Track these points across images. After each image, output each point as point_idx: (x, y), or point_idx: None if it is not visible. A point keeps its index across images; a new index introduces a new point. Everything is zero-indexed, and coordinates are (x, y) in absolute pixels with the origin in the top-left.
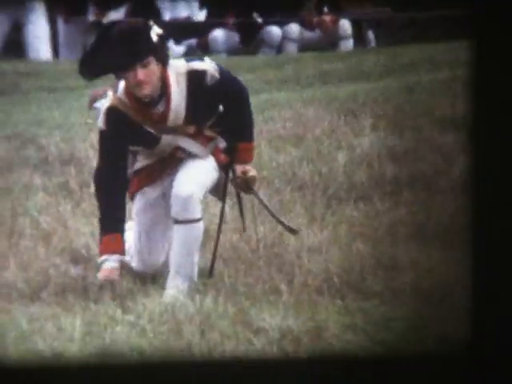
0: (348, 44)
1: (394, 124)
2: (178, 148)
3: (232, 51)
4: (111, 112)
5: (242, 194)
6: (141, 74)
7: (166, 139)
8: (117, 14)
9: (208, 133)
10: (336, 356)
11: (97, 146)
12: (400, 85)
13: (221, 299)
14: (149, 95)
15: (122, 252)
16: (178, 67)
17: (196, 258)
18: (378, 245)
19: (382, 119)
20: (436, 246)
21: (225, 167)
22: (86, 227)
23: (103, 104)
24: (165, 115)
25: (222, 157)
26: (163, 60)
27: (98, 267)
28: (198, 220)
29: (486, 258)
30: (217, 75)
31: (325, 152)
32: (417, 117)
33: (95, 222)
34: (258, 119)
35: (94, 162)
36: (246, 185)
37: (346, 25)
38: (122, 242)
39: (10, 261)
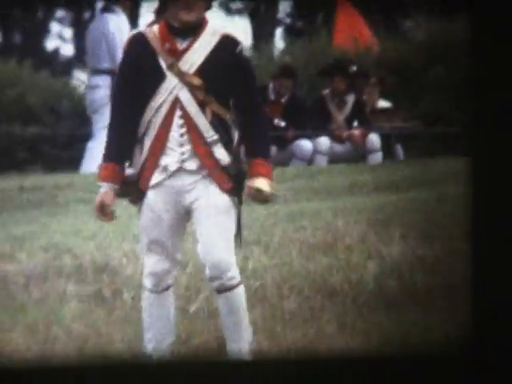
0: (377, 157)
1: (424, 234)
2: (177, 103)
3: None
4: (135, 39)
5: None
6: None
7: (171, 82)
8: None
9: (214, 107)
10: (336, 356)
11: (130, 254)
12: (428, 196)
13: None
14: (190, 22)
15: (113, 181)
16: (217, 25)
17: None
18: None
19: (411, 229)
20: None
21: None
22: (118, 334)
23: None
24: (182, 53)
25: (226, 184)
26: (209, 3)
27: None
28: (238, 285)
29: (486, 258)
30: (246, 54)
31: (354, 261)
32: (446, 226)
33: (128, 328)
34: (288, 228)
35: (128, 269)
36: (253, 198)
37: (374, 138)
38: (114, 171)
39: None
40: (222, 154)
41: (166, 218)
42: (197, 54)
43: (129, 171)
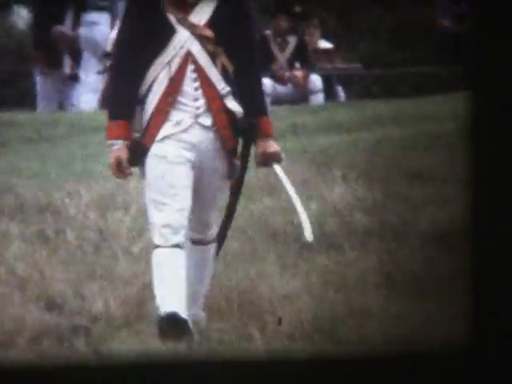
0: (319, 98)
1: (364, 176)
2: (189, 56)
3: None
4: None
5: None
6: None
7: (182, 35)
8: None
9: (223, 59)
10: (335, 356)
11: (73, 195)
12: (369, 138)
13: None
14: None
15: (127, 137)
16: None
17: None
18: (349, 292)
19: (352, 171)
20: (404, 292)
21: (243, 154)
22: (61, 274)
23: None
24: (192, 6)
25: (231, 141)
26: None
27: (72, 313)
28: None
29: (485, 258)
30: (249, 6)
31: None
32: (385, 169)
33: (71, 269)
34: None
35: (70, 210)
36: (268, 161)
37: (316, 79)
38: (126, 128)
39: None
40: (235, 106)
41: (177, 169)
42: (206, 5)
43: None
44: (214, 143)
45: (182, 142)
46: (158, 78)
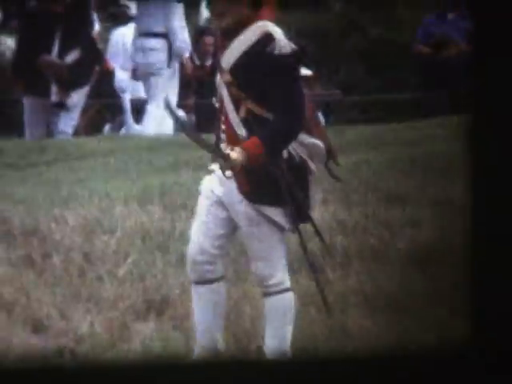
0: None
1: (344, 199)
2: (222, 99)
3: None
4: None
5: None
6: (218, 5)
7: (217, 79)
8: (78, 95)
9: (248, 104)
10: (335, 356)
11: (59, 219)
12: (348, 162)
13: None
14: (224, 28)
15: None
16: (264, 22)
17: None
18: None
19: (331, 194)
20: (384, 312)
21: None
22: (47, 297)
23: None
24: (225, 50)
25: (244, 186)
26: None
27: (57, 335)
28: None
29: (485, 259)
30: (285, 51)
31: None
32: (364, 192)
33: (57, 291)
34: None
35: (56, 234)
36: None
37: None
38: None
39: None
40: None
41: (205, 202)
42: (234, 51)
43: None
44: (233, 185)
45: (214, 178)
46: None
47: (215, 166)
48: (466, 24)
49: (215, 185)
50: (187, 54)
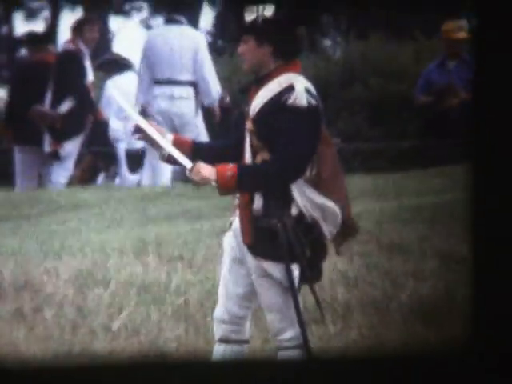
0: None
1: (345, 249)
2: (243, 146)
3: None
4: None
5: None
6: (240, 46)
7: (246, 126)
8: (72, 145)
9: (264, 155)
10: (335, 356)
11: (51, 272)
12: None
13: None
14: (246, 70)
15: None
16: (291, 75)
17: None
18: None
19: (332, 244)
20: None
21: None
22: (38, 352)
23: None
24: (252, 99)
25: (247, 237)
26: (269, 45)
27: None
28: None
29: (485, 258)
30: (299, 103)
31: None
32: (366, 242)
33: (49, 346)
34: (212, 244)
35: (48, 287)
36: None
37: None
38: None
39: None
40: (257, 205)
41: (226, 261)
42: (259, 100)
43: None
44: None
45: (231, 231)
46: None
47: (233, 218)
48: (467, 73)
49: (231, 239)
50: (216, 103)
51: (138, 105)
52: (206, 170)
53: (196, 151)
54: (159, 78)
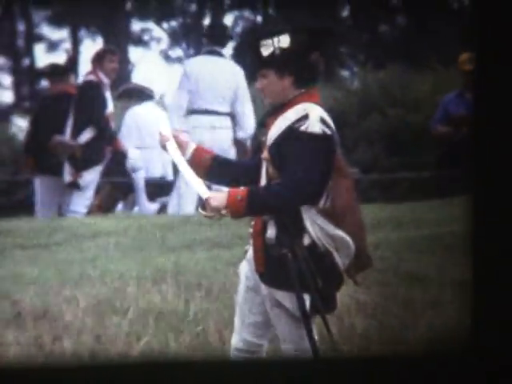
0: None
1: (363, 279)
2: (259, 176)
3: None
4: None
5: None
6: (258, 82)
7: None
8: (91, 175)
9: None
10: (336, 356)
11: (70, 300)
12: (367, 241)
13: None
14: (269, 104)
15: None
16: (308, 105)
17: None
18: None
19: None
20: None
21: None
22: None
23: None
24: (269, 128)
25: (260, 266)
26: (289, 75)
27: None
28: None
29: (485, 258)
30: (312, 130)
31: None
32: (384, 272)
33: (64, 375)
34: (229, 272)
35: (67, 316)
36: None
37: None
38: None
39: None
40: (270, 233)
41: (241, 289)
42: (276, 129)
43: None
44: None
45: (246, 260)
46: None
47: (248, 247)
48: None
49: (246, 267)
50: (249, 138)
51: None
52: (216, 199)
53: (216, 163)
54: (198, 108)
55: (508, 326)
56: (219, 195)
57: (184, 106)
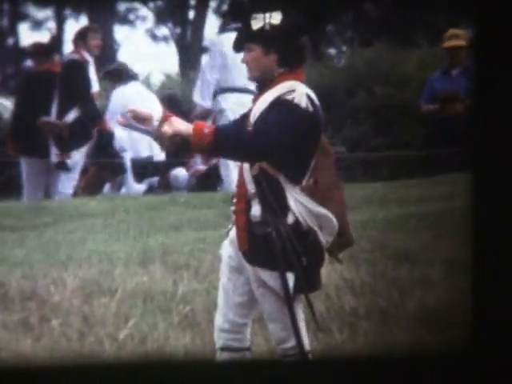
0: None
1: (351, 258)
2: None
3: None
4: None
5: None
6: (244, 55)
7: None
8: (78, 155)
9: (263, 164)
10: (336, 356)
11: (58, 282)
12: (354, 220)
13: None
14: (251, 79)
15: None
16: (293, 84)
17: None
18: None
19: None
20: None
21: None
22: (45, 362)
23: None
24: (254, 105)
25: (243, 245)
26: (275, 53)
27: None
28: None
29: (485, 258)
30: (297, 102)
31: None
32: (372, 251)
33: (55, 356)
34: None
35: (54, 297)
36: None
37: None
38: None
39: None
40: (255, 211)
41: (224, 270)
42: (259, 105)
43: None
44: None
45: (228, 240)
46: None
47: (231, 227)
48: (469, 81)
49: (229, 247)
50: None
51: (201, 108)
52: (181, 124)
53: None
54: (233, 86)
55: (508, 326)
56: (183, 121)
57: (213, 83)
